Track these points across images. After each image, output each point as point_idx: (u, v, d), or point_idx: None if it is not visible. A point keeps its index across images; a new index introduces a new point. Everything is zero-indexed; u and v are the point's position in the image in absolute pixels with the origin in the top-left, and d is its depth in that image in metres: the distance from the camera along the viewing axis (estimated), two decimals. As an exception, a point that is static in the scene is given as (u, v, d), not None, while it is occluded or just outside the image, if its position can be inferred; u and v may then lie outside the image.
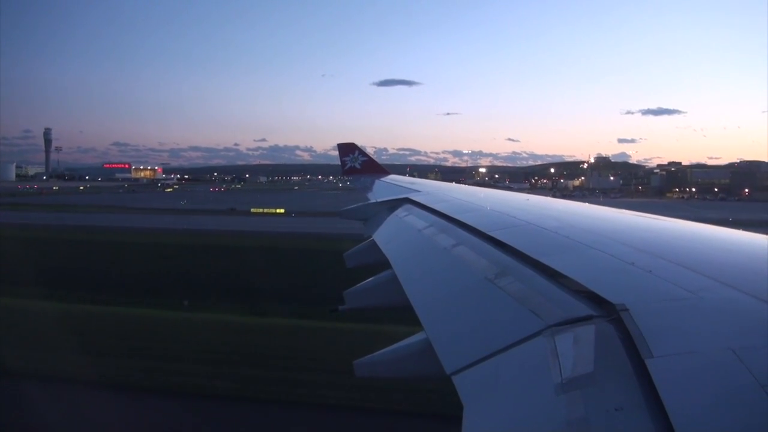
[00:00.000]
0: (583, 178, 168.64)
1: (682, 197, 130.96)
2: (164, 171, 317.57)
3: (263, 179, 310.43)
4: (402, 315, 3.59)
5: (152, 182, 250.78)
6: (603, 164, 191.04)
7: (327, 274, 20.81)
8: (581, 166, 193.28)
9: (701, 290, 2.32)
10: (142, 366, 21.37)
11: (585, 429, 1.57)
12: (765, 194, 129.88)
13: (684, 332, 1.95)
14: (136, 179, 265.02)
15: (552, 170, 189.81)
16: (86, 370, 19.84)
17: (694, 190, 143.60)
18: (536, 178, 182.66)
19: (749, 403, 1.46)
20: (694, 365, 1.69)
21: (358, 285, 5.08)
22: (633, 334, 1.91)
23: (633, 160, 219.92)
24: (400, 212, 7.02)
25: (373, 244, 5.87)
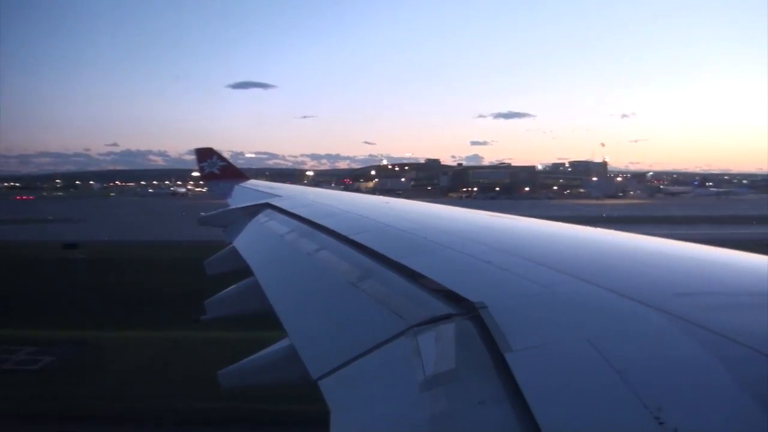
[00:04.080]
0: (375, 180, 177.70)
1: (461, 197, 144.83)
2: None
3: (98, 186, 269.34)
4: (268, 321, 3.48)
5: None
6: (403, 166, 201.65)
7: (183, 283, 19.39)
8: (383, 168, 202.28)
9: (555, 285, 2.43)
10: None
11: (449, 423, 1.62)
12: (540, 193, 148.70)
13: (540, 326, 2.03)
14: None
15: (373, 172, 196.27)
16: None
17: (475, 189, 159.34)
18: (360, 179, 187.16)
19: (603, 388, 1.54)
20: (551, 356, 1.77)
21: (219, 293, 4.95)
22: (492, 330, 1.98)
23: (485, 162, 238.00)
24: (261, 218, 6.97)
25: (234, 250, 5.75)
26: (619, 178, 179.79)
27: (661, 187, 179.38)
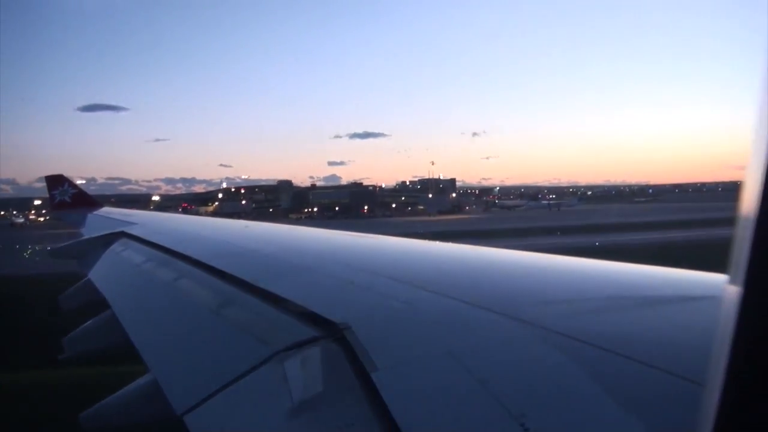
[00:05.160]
0: (216, 203, 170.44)
1: (301, 217, 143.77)
2: None
3: None
4: (131, 356, 3.30)
5: None
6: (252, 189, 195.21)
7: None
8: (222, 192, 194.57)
9: (415, 300, 2.50)
10: None
11: None
12: (381, 212, 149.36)
13: (404, 342, 2.06)
14: None
15: (221, 195, 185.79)
16: None
17: (316, 209, 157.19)
18: (210, 203, 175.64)
19: (468, 399, 1.55)
20: (416, 372, 1.79)
21: (77, 329, 4.71)
22: (357, 350, 1.98)
23: (343, 181, 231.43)
24: (117, 247, 6.64)
25: (90, 283, 5.46)
26: (453, 195, 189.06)
27: (496, 201, 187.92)
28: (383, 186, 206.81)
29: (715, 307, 1.76)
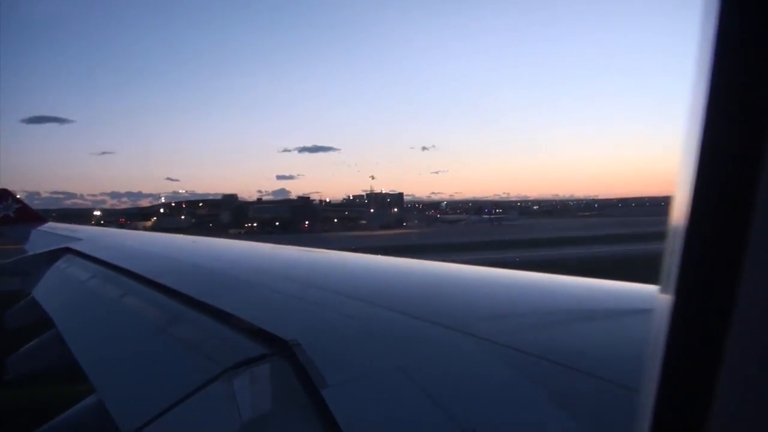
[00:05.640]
0: (155, 218, 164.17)
1: (240, 232, 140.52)
2: None
3: None
4: (78, 376, 3.17)
5: None
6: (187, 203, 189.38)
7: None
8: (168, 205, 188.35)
9: (365, 316, 2.50)
10: None
11: None
12: (321, 226, 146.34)
13: (354, 358, 2.04)
14: None
15: (162, 210, 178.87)
16: None
17: (255, 225, 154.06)
18: (154, 218, 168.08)
19: (420, 415, 1.56)
20: (367, 388, 1.77)
21: (21, 349, 4.61)
22: (307, 367, 1.95)
23: (293, 195, 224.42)
24: (61, 264, 6.45)
25: (34, 301, 5.30)
26: (396, 209, 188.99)
27: (438, 216, 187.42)
28: (329, 201, 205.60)
29: (648, 318, 1.85)
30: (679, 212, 0.65)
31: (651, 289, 2.55)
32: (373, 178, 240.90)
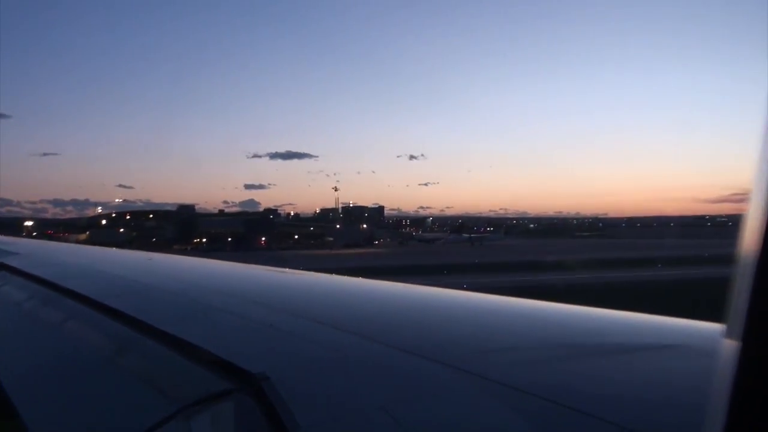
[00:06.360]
0: (88, 231, 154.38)
1: (186, 248, 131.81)
2: None
3: None
4: (6, 413, 2.84)
5: None
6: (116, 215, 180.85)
7: None
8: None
9: (343, 347, 2.31)
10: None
11: None
12: (279, 243, 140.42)
13: (331, 395, 1.88)
14: None
15: (104, 222, 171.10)
16: None
17: (205, 240, 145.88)
18: (92, 229, 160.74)
19: None
20: (344, 429, 1.64)
21: None
22: (276, 404, 1.78)
23: (261, 207, 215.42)
24: None
25: None
26: (365, 226, 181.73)
27: (414, 234, 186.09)
28: (298, 214, 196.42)
29: (657, 352, 2.13)
30: (748, 250, 0.57)
31: (653, 321, 2.69)
32: (336, 190, 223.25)
